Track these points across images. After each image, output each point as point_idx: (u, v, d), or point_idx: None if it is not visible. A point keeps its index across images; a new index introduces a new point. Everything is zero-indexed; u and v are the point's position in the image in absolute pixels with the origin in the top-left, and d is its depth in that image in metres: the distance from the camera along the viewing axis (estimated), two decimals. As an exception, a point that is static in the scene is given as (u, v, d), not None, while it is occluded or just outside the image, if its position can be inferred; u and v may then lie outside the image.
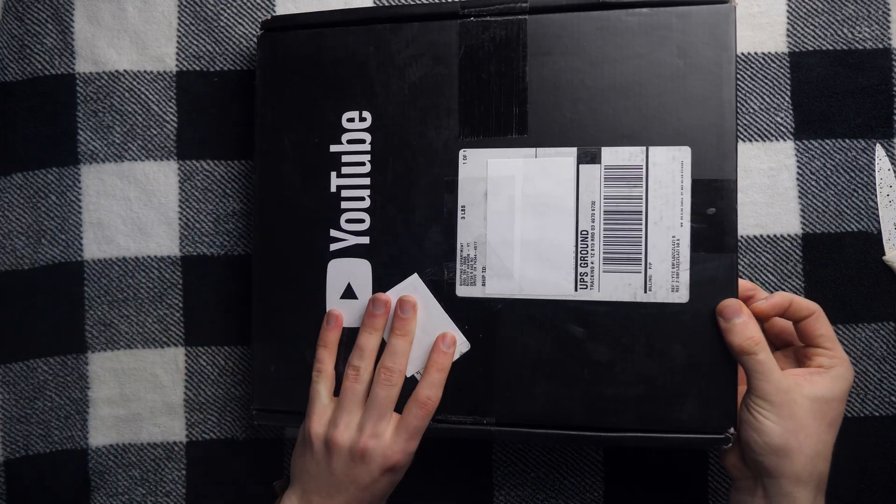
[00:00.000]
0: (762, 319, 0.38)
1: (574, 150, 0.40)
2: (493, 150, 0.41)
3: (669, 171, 0.39)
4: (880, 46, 0.47)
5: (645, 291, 0.39)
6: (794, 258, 0.47)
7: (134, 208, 0.49)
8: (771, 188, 0.47)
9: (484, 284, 0.41)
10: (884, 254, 0.46)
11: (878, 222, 0.47)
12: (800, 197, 0.47)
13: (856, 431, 0.46)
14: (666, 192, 0.39)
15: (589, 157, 0.40)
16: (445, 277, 0.41)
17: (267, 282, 0.44)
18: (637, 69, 0.39)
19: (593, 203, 0.40)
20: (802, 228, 0.47)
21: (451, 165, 0.41)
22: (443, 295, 0.41)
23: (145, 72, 0.50)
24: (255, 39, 0.49)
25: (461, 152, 0.41)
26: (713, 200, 0.38)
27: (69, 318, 0.49)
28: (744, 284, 0.40)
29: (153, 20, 0.50)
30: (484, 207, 0.41)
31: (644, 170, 0.39)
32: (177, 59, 0.50)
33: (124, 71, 0.49)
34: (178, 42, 0.50)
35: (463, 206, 0.41)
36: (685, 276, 0.38)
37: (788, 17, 0.47)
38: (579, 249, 0.40)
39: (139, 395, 0.49)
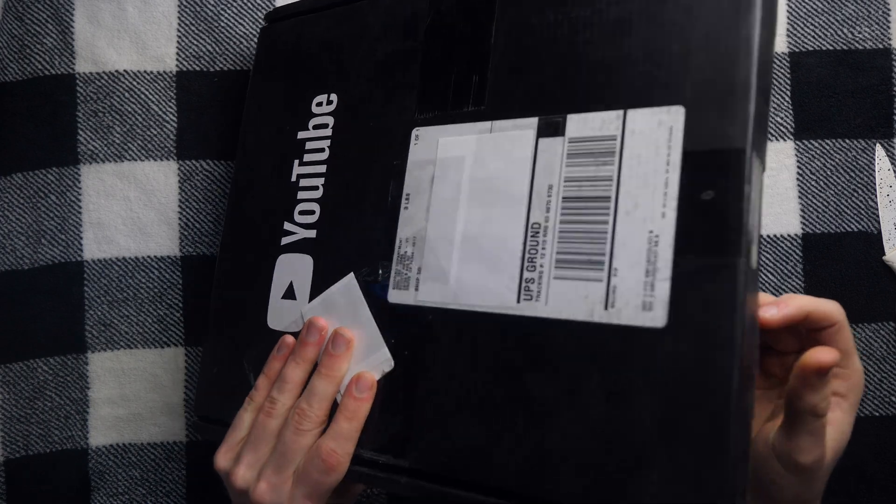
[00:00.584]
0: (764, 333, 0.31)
1: (535, 120, 0.31)
2: (446, 128, 0.34)
3: (652, 140, 0.29)
4: (880, 46, 0.47)
5: (605, 308, 0.28)
6: (794, 258, 0.47)
7: (134, 208, 0.49)
8: (771, 188, 0.47)
9: (417, 289, 0.33)
10: (884, 254, 0.46)
11: (878, 222, 0.47)
12: (800, 197, 0.47)
13: (855, 431, 0.46)
14: (645, 170, 0.28)
15: (551, 128, 0.31)
16: (380, 279, 0.34)
17: (225, 278, 0.41)
18: (623, 12, 0.31)
19: (550, 187, 0.31)
20: (802, 228, 0.47)
21: (403, 148, 0.35)
22: (374, 300, 0.34)
23: (145, 72, 0.49)
24: (255, 39, 0.49)
25: (413, 132, 0.35)
26: (712, 180, 0.27)
27: (69, 318, 0.49)
28: None
29: (153, 20, 0.50)
30: (429, 195, 0.34)
31: (618, 141, 0.29)
32: (177, 59, 0.50)
33: (124, 71, 0.49)
34: (178, 42, 0.50)
35: (408, 195, 0.34)
36: (663, 289, 0.27)
37: (788, 17, 0.47)
38: (528, 248, 0.31)
39: (139, 395, 0.49)
